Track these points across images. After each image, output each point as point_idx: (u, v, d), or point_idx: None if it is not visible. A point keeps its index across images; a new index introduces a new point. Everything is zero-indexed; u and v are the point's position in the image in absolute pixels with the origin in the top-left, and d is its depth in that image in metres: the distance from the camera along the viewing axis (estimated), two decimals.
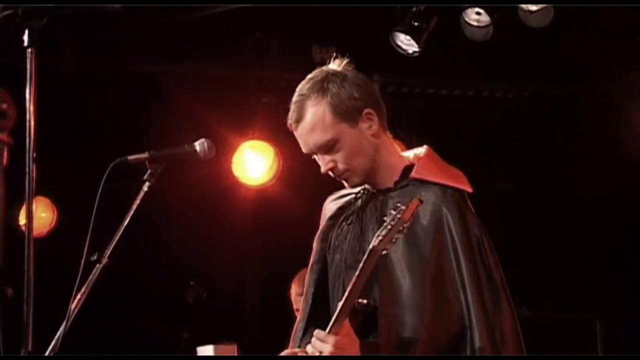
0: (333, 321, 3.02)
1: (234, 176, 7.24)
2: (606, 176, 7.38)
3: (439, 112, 7.75)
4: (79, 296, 3.09)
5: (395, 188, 3.26)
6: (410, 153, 3.38)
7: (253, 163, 7.25)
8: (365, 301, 3.09)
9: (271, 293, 6.85)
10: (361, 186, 3.33)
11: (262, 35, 7.02)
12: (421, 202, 3.02)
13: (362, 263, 2.99)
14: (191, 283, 6.66)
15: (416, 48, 6.20)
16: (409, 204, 2.97)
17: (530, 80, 7.62)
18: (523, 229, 7.64)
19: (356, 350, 3.04)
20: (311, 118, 3.21)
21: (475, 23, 6.21)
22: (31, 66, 2.78)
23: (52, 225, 7.24)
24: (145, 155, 3.29)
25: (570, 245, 7.55)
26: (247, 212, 7.67)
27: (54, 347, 3.03)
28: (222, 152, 6.75)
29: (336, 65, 3.31)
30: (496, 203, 7.49)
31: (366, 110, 3.24)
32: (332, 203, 3.47)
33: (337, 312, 3.01)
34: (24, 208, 2.74)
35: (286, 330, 3.53)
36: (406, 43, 6.24)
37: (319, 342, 3.03)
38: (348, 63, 3.31)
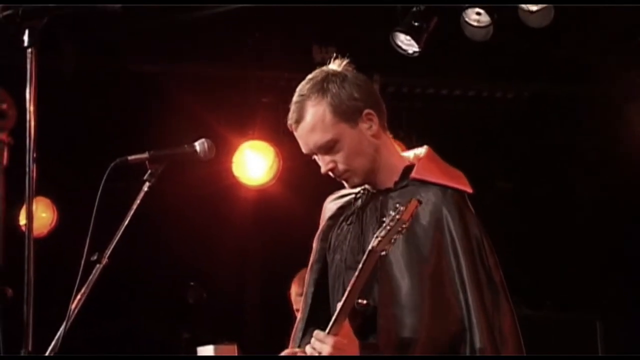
0: (333, 322, 3.01)
1: (234, 176, 7.24)
2: (606, 176, 7.38)
3: (439, 112, 7.74)
4: (79, 296, 3.09)
5: (395, 188, 3.25)
6: (410, 153, 3.38)
7: (253, 163, 7.25)
8: (365, 301, 3.08)
9: (271, 293, 6.85)
10: (361, 186, 3.33)
11: (263, 35, 7.02)
12: (420, 203, 3.01)
13: (362, 264, 2.98)
14: (191, 283, 6.65)
15: (416, 48, 6.20)
16: (408, 205, 2.97)
17: (530, 80, 7.62)
18: (523, 229, 7.63)
19: (355, 351, 3.04)
20: (311, 118, 3.20)
21: (475, 23, 6.20)
22: (31, 66, 2.78)
23: (53, 225, 7.24)
24: (145, 155, 3.29)
25: (570, 245, 7.55)
26: (247, 212, 7.67)
27: (54, 347, 3.03)
28: (222, 152, 6.75)
29: (336, 65, 3.30)
30: (496, 203, 7.48)
31: (366, 110, 3.24)
32: (332, 203, 3.46)
33: (337, 313, 3.01)
34: (24, 208, 2.74)
35: (286, 330, 3.53)
36: (406, 43, 6.23)
37: (318, 343, 3.02)
38: (348, 63, 3.31)
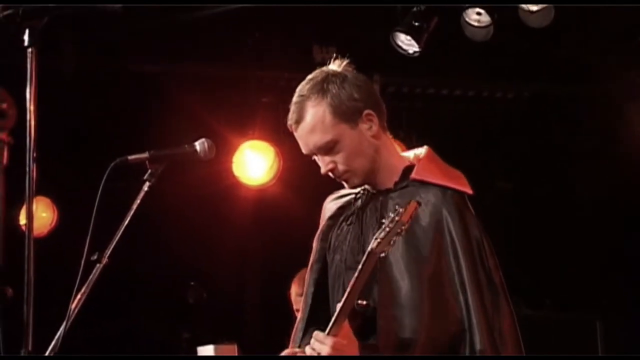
0: (332, 322, 3.01)
1: (234, 176, 7.23)
2: (606, 176, 7.38)
3: (440, 112, 7.75)
4: (79, 296, 3.09)
5: (395, 189, 3.25)
6: (410, 153, 3.37)
7: (253, 163, 7.25)
8: (364, 302, 3.08)
9: (271, 293, 6.85)
10: (361, 187, 3.33)
11: (263, 35, 7.02)
12: (419, 205, 3.01)
13: (361, 265, 2.98)
14: (191, 283, 6.65)
15: (417, 48, 6.19)
16: (407, 207, 2.96)
17: (530, 80, 7.62)
18: (523, 229, 7.63)
19: (355, 351, 3.04)
20: (311, 119, 3.20)
21: (475, 23, 6.20)
22: (32, 66, 2.78)
23: (53, 225, 7.23)
24: (145, 155, 3.29)
25: (570, 245, 7.55)
26: (248, 212, 7.67)
27: (54, 347, 3.03)
28: (223, 152, 6.76)
29: (336, 65, 3.29)
30: (496, 203, 7.48)
31: (366, 111, 3.23)
32: (332, 203, 3.46)
33: (337, 314, 3.01)
34: (24, 208, 2.74)
35: (286, 330, 3.53)
36: (407, 43, 6.23)
37: (318, 343, 3.02)
38: (348, 64, 3.30)
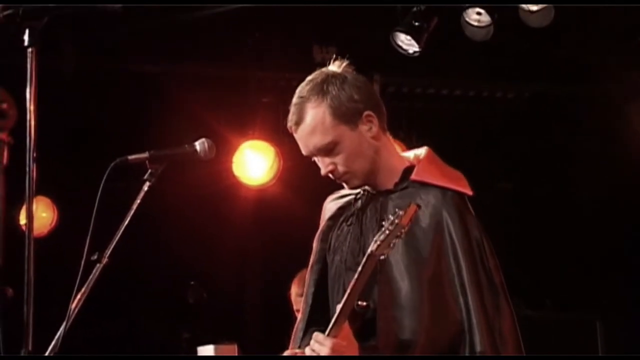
0: (332, 324, 3.01)
1: (235, 176, 7.23)
2: (606, 176, 7.38)
3: (440, 112, 7.75)
4: (79, 296, 3.09)
5: (395, 190, 3.24)
6: (410, 154, 3.36)
7: (253, 163, 7.25)
8: (364, 303, 3.07)
9: (271, 293, 6.85)
10: (361, 188, 3.32)
11: (263, 35, 7.02)
12: (419, 207, 3.01)
13: (361, 267, 2.98)
14: (191, 283, 6.65)
15: (417, 48, 6.19)
16: (407, 209, 2.96)
17: (530, 80, 7.62)
18: (523, 229, 7.63)
19: (355, 353, 3.03)
20: (311, 120, 3.19)
21: (475, 23, 6.20)
22: (32, 66, 2.78)
23: (53, 225, 7.23)
24: (145, 155, 3.29)
25: (570, 245, 7.55)
26: (248, 212, 7.67)
27: (54, 347, 3.03)
28: (223, 152, 6.76)
29: (336, 66, 3.28)
30: (496, 203, 7.48)
31: (366, 112, 3.22)
32: (332, 203, 3.45)
33: (337, 315, 3.01)
34: (25, 208, 2.74)
35: (286, 330, 3.52)
36: (407, 43, 6.23)
37: (317, 345, 3.02)
38: (348, 65, 3.29)
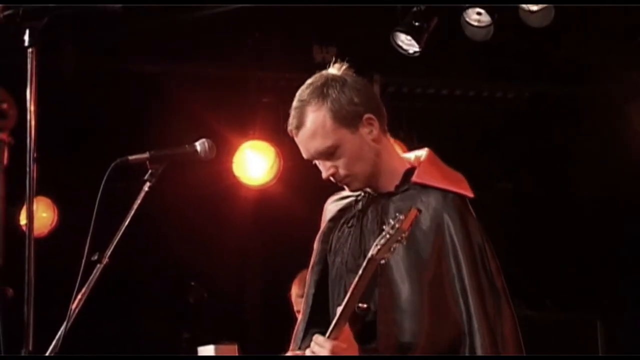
0: (332, 326, 3.01)
1: (235, 176, 7.23)
2: (606, 176, 7.38)
3: (440, 112, 7.75)
4: (80, 296, 3.09)
5: (396, 192, 3.23)
6: (411, 155, 3.35)
7: (254, 163, 7.25)
8: (365, 305, 3.06)
9: (272, 293, 6.85)
10: (362, 190, 3.32)
11: (263, 35, 7.02)
12: (420, 212, 3.00)
13: (361, 271, 2.97)
14: (192, 283, 6.66)
15: (417, 48, 6.19)
16: (408, 214, 2.96)
17: (530, 80, 7.62)
18: (523, 229, 7.63)
19: (355, 355, 3.03)
20: (312, 124, 3.18)
21: (475, 23, 6.20)
22: (32, 66, 2.79)
23: (53, 225, 7.23)
24: (146, 155, 3.28)
25: (570, 245, 7.55)
26: (248, 212, 7.67)
27: (55, 347, 3.03)
28: (223, 152, 6.76)
29: (336, 69, 3.27)
30: (496, 203, 7.48)
31: (366, 115, 3.21)
32: (333, 204, 3.44)
33: (337, 317, 3.00)
34: (25, 208, 2.75)
35: (286, 330, 3.53)
36: (407, 43, 6.23)
37: (318, 347, 3.02)
38: (348, 67, 3.28)
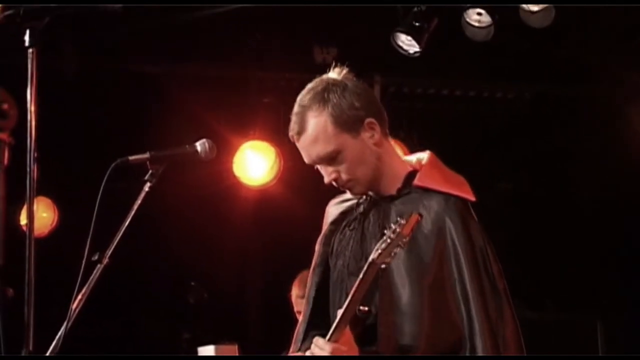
0: (333, 328, 3.01)
1: (235, 176, 7.24)
2: (607, 177, 7.38)
3: (440, 113, 7.75)
4: (80, 296, 3.09)
5: (398, 196, 3.23)
6: (413, 158, 3.35)
7: (254, 163, 7.25)
8: (366, 308, 3.06)
9: (272, 293, 6.85)
10: (364, 194, 3.32)
11: (263, 35, 7.02)
12: (421, 217, 3.01)
13: (362, 275, 2.98)
14: (192, 283, 6.66)
15: (417, 48, 6.19)
16: (409, 219, 2.96)
17: (531, 80, 7.62)
18: (523, 230, 7.64)
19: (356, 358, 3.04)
20: (313, 130, 3.17)
21: (476, 23, 6.20)
22: (32, 66, 2.79)
23: (53, 225, 7.24)
24: (146, 155, 3.28)
25: (570, 245, 7.55)
26: (248, 213, 7.67)
27: (55, 347, 3.03)
28: (223, 153, 6.76)
29: (336, 74, 3.27)
30: (497, 204, 7.48)
31: (368, 119, 3.21)
32: (334, 207, 3.44)
33: (338, 320, 3.00)
34: (25, 208, 2.75)
35: (287, 330, 3.53)
36: (407, 43, 6.23)
37: (318, 349, 3.02)
38: (348, 71, 3.28)
